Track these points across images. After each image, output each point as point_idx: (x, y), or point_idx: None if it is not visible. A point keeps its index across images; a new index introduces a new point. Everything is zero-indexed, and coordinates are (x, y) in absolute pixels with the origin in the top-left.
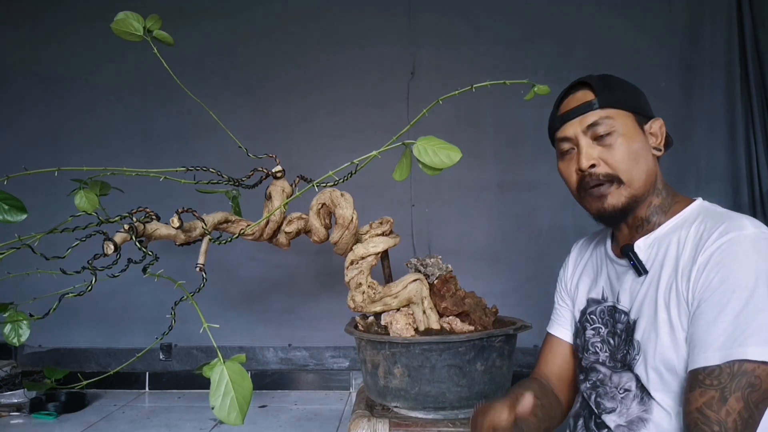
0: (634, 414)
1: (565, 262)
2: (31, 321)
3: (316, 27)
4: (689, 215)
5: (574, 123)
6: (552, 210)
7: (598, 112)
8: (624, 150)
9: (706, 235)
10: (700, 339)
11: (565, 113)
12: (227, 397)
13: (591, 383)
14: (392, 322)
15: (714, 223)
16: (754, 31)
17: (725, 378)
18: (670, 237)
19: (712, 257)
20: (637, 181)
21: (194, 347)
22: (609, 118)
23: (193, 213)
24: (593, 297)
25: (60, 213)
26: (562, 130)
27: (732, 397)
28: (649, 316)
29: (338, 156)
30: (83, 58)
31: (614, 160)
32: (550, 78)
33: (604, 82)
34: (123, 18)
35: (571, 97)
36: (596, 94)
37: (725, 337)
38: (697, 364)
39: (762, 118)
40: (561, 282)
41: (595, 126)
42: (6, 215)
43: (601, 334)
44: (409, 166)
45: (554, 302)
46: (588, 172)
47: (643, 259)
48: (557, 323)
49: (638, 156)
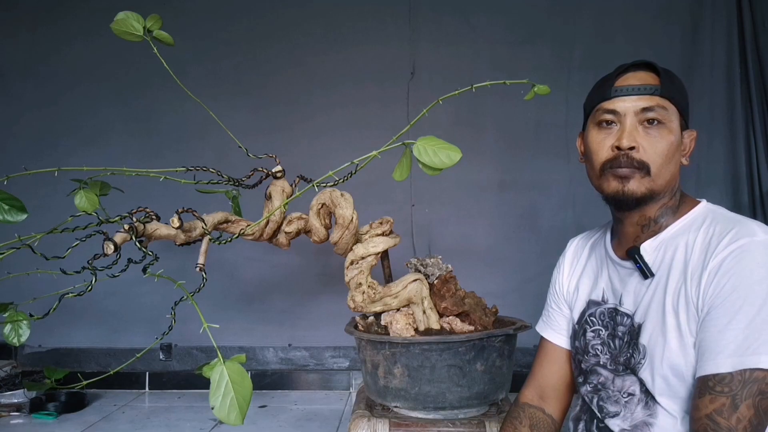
0: (638, 418)
1: (559, 263)
2: (31, 321)
3: (316, 27)
4: (696, 218)
5: (629, 100)
6: (552, 210)
7: (657, 98)
8: (665, 145)
9: (716, 240)
10: (711, 345)
11: (623, 87)
12: (227, 397)
13: (592, 386)
14: (392, 322)
15: (723, 227)
16: (754, 32)
17: (736, 385)
18: (678, 240)
19: (724, 263)
20: (662, 179)
21: (194, 347)
22: (665, 109)
23: (193, 213)
24: (593, 299)
25: (60, 213)
26: (612, 101)
27: (743, 405)
28: (656, 320)
29: (338, 156)
30: (83, 58)
31: (653, 150)
32: (550, 78)
33: (668, 73)
34: (123, 18)
35: (633, 74)
36: (660, 81)
37: (737, 345)
38: (707, 371)
39: (762, 118)
40: (555, 284)
41: (650, 111)
42: (6, 215)
43: (602, 337)
44: (409, 166)
45: (547, 302)
46: (625, 153)
47: (650, 261)
48: (550, 327)
49: (672, 156)
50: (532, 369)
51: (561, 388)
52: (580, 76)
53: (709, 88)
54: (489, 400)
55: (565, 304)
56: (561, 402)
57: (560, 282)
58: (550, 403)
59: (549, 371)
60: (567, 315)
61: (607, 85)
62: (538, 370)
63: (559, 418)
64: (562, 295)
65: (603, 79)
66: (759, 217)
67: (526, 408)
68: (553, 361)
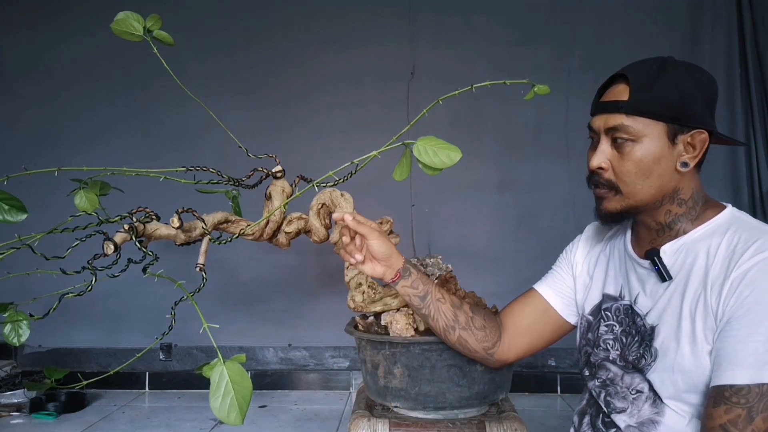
0: (645, 415)
1: (575, 241)
2: (31, 321)
3: (317, 27)
4: (720, 224)
5: (601, 118)
6: (552, 210)
7: (622, 117)
8: (634, 163)
9: (741, 249)
10: (729, 356)
11: (599, 103)
12: (227, 397)
13: (600, 381)
14: (392, 322)
15: (749, 236)
16: (754, 31)
17: (753, 398)
18: (699, 245)
19: (748, 274)
20: (639, 195)
21: (194, 347)
22: (632, 126)
23: (193, 213)
24: (609, 293)
25: (60, 213)
26: (593, 119)
27: (759, 417)
28: (670, 324)
29: (338, 156)
30: (83, 58)
31: (621, 170)
32: (549, 78)
33: (644, 82)
34: (123, 18)
35: (611, 88)
36: (630, 95)
37: (756, 358)
38: (723, 381)
39: (762, 118)
40: (568, 254)
41: (615, 131)
42: (6, 215)
43: (615, 332)
44: (409, 166)
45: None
46: (596, 173)
47: (669, 264)
48: (547, 284)
49: (650, 172)
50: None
51: (522, 333)
52: (580, 77)
53: None
54: (489, 400)
55: (571, 276)
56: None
57: (574, 255)
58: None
59: (521, 312)
60: (570, 285)
61: (594, 100)
62: (510, 305)
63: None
64: (572, 266)
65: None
66: (759, 217)
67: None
68: (532, 306)
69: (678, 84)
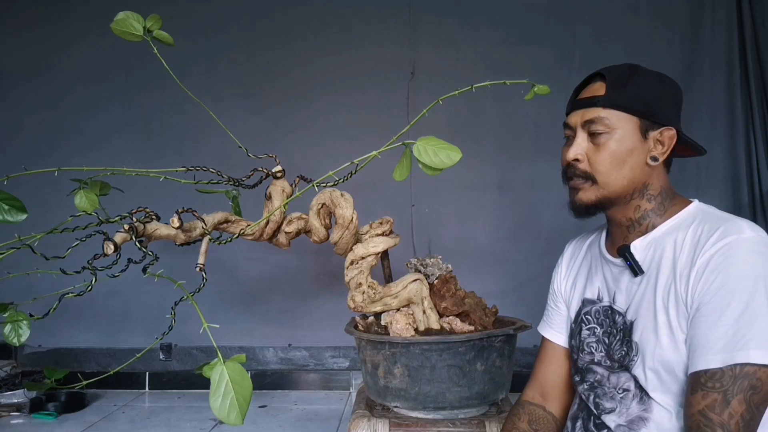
0: (634, 413)
1: (558, 264)
2: (31, 321)
3: (316, 27)
4: (686, 217)
5: (577, 114)
6: (552, 210)
7: (599, 110)
8: (609, 153)
9: (704, 238)
10: (701, 342)
11: (575, 101)
12: (227, 397)
13: (588, 384)
14: (392, 322)
15: (712, 225)
16: (754, 32)
17: (727, 381)
18: (667, 239)
19: (711, 260)
20: (613, 185)
21: (194, 347)
22: (608, 118)
23: (193, 213)
24: (588, 297)
25: (60, 213)
26: (568, 117)
27: (734, 400)
28: (647, 317)
29: (338, 156)
30: (84, 58)
31: (596, 160)
32: (549, 78)
33: (619, 79)
34: (123, 18)
35: (587, 87)
36: (606, 91)
37: (726, 341)
38: (698, 367)
39: (762, 118)
40: (554, 284)
41: (592, 123)
42: (6, 215)
43: (597, 334)
44: (409, 166)
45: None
46: (572, 165)
47: (640, 259)
48: (550, 326)
49: (623, 162)
50: (534, 368)
51: (561, 386)
52: (580, 78)
53: (709, 88)
54: (489, 400)
55: (563, 303)
56: (562, 400)
57: (558, 282)
58: (551, 401)
59: (549, 370)
60: (564, 314)
61: (569, 100)
62: (539, 369)
63: (560, 416)
64: (560, 294)
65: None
66: (759, 217)
67: (526, 405)
68: (553, 360)
69: (649, 85)
